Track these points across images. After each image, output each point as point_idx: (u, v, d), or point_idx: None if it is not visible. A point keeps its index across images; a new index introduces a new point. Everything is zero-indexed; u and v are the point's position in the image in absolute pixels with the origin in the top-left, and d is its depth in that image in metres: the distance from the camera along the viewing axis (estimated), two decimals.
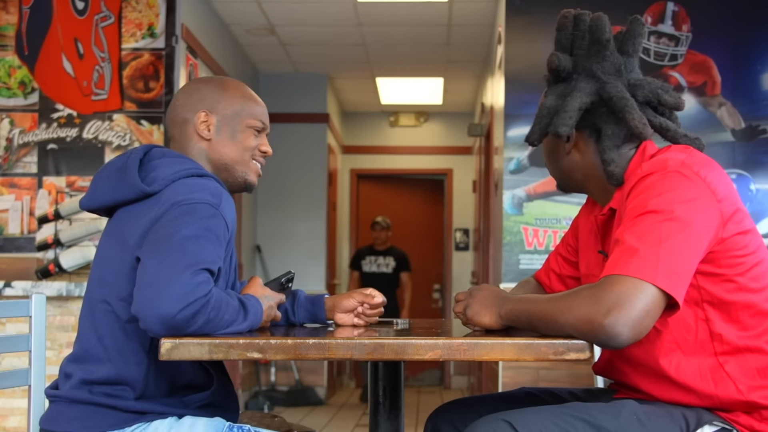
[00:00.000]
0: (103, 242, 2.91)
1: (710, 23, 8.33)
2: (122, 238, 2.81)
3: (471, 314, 2.84)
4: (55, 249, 6.90)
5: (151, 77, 8.49)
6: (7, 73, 8.56)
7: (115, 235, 2.85)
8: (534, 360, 2.51)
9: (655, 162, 2.77)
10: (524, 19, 8.40)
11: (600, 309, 2.48)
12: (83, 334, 2.85)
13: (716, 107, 8.29)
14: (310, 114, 12.78)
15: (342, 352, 2.54)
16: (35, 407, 3.35)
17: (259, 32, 10.81)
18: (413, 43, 11.21)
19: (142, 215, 2.79)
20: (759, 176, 8.21)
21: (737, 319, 2.74)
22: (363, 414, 11.14)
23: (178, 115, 3.04)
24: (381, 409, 3.02)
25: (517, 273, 8.18)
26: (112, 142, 8.40)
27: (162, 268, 2.59)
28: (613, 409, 2.73)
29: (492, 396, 3.28)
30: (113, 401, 2.77)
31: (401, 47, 11.42)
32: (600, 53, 2.94)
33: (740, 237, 2.72)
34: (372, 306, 3.21)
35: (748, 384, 2.72)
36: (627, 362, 2.93)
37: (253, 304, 2.77)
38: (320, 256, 12.74)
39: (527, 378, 8.11)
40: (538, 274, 3.46)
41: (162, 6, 8.53)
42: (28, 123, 8.49)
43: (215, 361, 2.92)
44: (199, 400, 2.90)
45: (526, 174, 8.32)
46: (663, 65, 8.27)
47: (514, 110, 8.36)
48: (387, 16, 10.21)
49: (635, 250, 2.55)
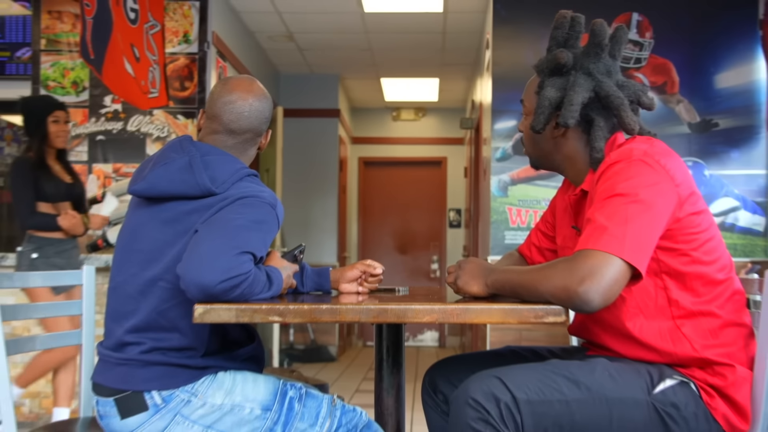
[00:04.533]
0: (153, 226, 2.87)
1: (670, 31, 8.33)
2: (185, 227, 2.80)
3: (461, 284, 2.84)
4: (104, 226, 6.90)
5: (186, 78, 8.51)
6: (61, 74, 8.59)
7: (174, 222, 2.83)
8: (517, 323, 2.51)
9: (622, 151, 2.77)
10: (509, 28, 8.41)
11: (574, 279, 2.49)
12: (139, 310, 2.82)
13: (675, 104, 8.30)
14: (323, 109, 12.78)
15: (351, 316, 2.54)
16: (86, 364, 3.36)
17: (280, 39, 10.79)
18: (413, 48, 11.19)
19: (207, 209, 2.79)
20: (712, 163, 8.24)
21: (691, 288, 2.74)
22: (369, 369, 11.14)
23: (254, 126, 3.01)
24: (385, 364, 3.03)
25: (503, 247, 8.20)
26: (152, 134, 8.43)
27: (213, 244, 2.61)
28: (588, 366, 2.73)
29: (481, 353, 3.28)
30: (185, 361, 2.79)
31: (402, 52, 11.39)
32: (598, 55, 2.93)
33: (694, 217, 2.72)
34: (372, 275, 3.25)
35: (702, 343, 2.72)
36: (597, 324, 2.94)
37: (277, 276, 2.78)
38: (332, 232, 12.74)
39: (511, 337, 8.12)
40: (520, 247, 3.46)
41: (195, 16, 8.54)
42: (79, 117, 8.50)
43: (251, 324, 2.95)
44: (246, 353, 2.96)
45: (510, 162, 8.33)
46: (629, 67, 8.28)
47: (500, 106, 8.37)
48: (390, 25, 10.19)
49: (605, 228, 2.56)
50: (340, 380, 10.05)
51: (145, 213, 2.92)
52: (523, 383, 2.63)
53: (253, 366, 2.97)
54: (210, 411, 2.79)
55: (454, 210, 14.86)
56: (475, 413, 2.57)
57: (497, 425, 2.56)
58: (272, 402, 2.83)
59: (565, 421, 2.62)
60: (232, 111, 2.98)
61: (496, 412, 2.56)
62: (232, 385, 2.83)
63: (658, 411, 2.65)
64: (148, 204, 2.92)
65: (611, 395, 2.65)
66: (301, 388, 2.91)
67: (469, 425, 2.57)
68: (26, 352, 3.17)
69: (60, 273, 3.38)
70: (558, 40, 3.01)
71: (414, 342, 14.89)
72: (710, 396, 2.71)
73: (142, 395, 2.77)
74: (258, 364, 3.02)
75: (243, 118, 2.99)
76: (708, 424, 2.69)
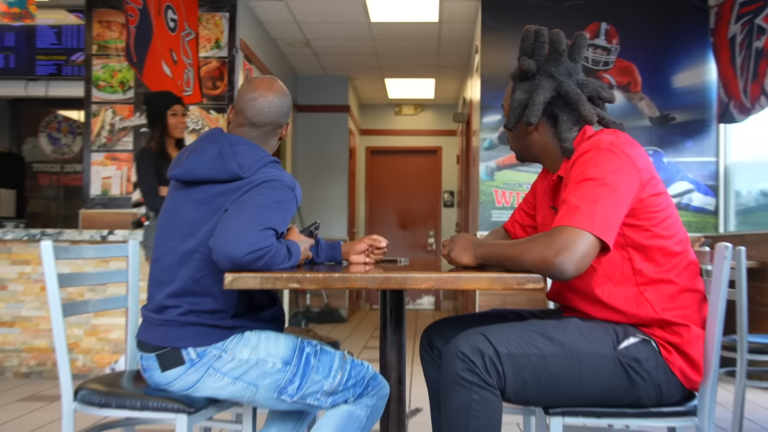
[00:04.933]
0: (189, 206, 2.86)
1: (633, 38, 8.33)
2: (217, 206, 2.80)
3: (453, 256, 2.84)
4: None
5: (217, 78, 8.50)
6: (110, 75, 8.58)
7: (207, 203, 2.83)
8: (502, 289, 2.51)
9: (592, 142, 2.76)
10: (495, 36, 8.40)
11: (552, 251, 2.49)
12: (177, 278, 2.82)
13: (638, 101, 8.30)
14: (335, 105, 12.77)
15: (360, 283, 2.54)
16: (131, 324, 3.36)
17: (298, 45, 10.77)
18: (412, 53, 11.17)
19: (235, 191, 2.79)
20: (670, 152, 8.25)
21: (652, 259, 2.74)
22: (375, 329, 11.15)
23: (273, 119, 2.99)
24: (388, 325, 3.02)
25: (490, 224, 8.20)
26: (188, 126, 8.41)
27: (241, 221, 2.61)
28: (562, 325, 2.72)
29: (471, 315, 3.27)
30: (216, 322, 2.79)
31: (403, 56, 11.37)
32: (557, 59, 2.92)
33: (654, 198, 2.71)
34: (378, 248, 3.26)
35: (662, 306, 2.72)
36: (571, 291, 2.93)
37: (296, 249, 2.78)
38: (343, 211, 12.75)
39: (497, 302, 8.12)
40: (505, 224, 3.45)
41: (226, 25, 8.54)
42: (125, 112, 8.50)
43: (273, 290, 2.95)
44: (269, 315, 2.95)
45: (496, 150, 8.34)
46: (598, 69, 8.27)
47: (488, 102, 8.38)
48: (393, 33, 10.17)
49: (577, 208, 2.55)
50: (350, 338, 10.05)
51: (183, 195, 2.92)
52: (504, 339, 2.63)
53: (275, 326, 2.98)
54: (238, 365, 2.79)
55: (448, 192, 14.84)
56: (463, 364, 2.57)
57: (482, 375, 2.56)
58: (291, 357, 2.83)
59: (541, 372, 2.62)
60: (254, 106, 2.98)
61: (481, 364, 2.57)
62: (257, 342, 2.83)
63: (623, 364, 2.65)
64: (185, 187, 2.92)
65: (581, 350, 2.65)
66: (316, 345, 2.91)
67: (458, 374, 2.58)
68: (79, 314, 3.16)
69: (110, 246, 3.38)
70: (525, 50, 3.00)
71: (413, 305, 14.91)
72: (668, 352, 2.70)
73: (180, 351, 2.78)
74: (279, 324, 3.02)
75: (263, 113, 2.98)
76: (666, 376, 2.69)
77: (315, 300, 12.46)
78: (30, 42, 10.09)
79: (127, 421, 3.15)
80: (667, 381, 2.69)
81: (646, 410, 2.72)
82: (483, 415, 2.57)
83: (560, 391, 2.66)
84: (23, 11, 6.14)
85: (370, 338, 10.02)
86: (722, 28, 7.94)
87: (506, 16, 8.40)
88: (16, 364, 6.92)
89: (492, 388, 2.58)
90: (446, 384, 2.62)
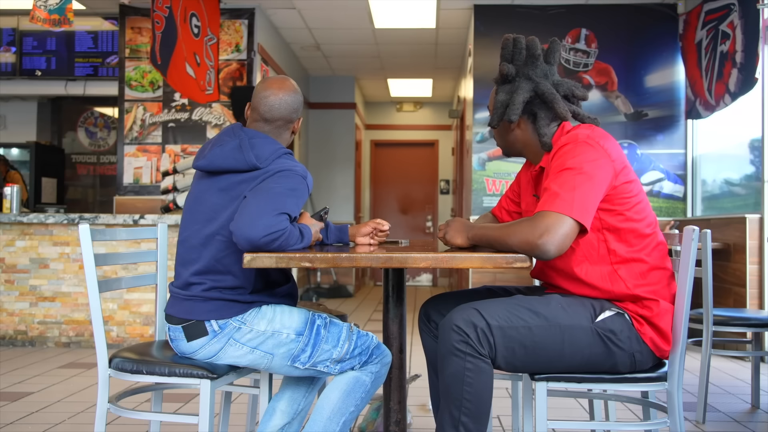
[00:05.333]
0: (212, 193, 2.86)
1: (610, 42, 8.31)
2: (236, 193, 2.80)
3: (448, 237, 2.84)
4: (173, 193, 6.91)
5: (237, 79, 8.50)
6: (141, 76, 8.58)
7: (228, 190, 2.83)
8: (492, 267, 2.51)
9: (570, 136, 2.76)
10: (486, 41, 8.39)
11: (535, 234, 2.49)
12: (201, 257, 2.82)
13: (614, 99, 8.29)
14: (343, 103, 12.74)
15: (365, 262, 2.54)
16: (160, 299, 3.36)
17: (309, 49, 10.75)
18: (412, 55, 11.14)
19: (253, 180, 2.79)
20: (643, 144, 8.25)
21: (625, 240, 2.73)
22: (378, 303, 11.16)
23: (284, 115, 2.98)
24: (390, 299, 3.02)
25: (481, 209, 8.21)
26: (211, 121, 8.43)
27: (258, 206, 2.61)
28: (545, 300, 2.72)
29: (464, 291, 3.27)
30: (236, 297, 2.78)
31: (404, 58, 11.34)
32: (534, 63, 2.93)
33: (627, 185, 2.71)
34: (381, 230, 3.26)
35: (634, 283, 2.72)
36: (553, 269, 2.93)
37: (307, 231, 2.78)
38: (350, 198, 12.73)
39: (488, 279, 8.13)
40: (493, 209, 3.44)
41: (245, 31, 8.52)
42: (155, 109, 8.50)
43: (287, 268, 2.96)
44: (283, 291, 2.94)
45: (487, 143, 8.34)
46: (578, 71, 8.25)
47: (479, 101, 8.38)
48: (395, 38, 10.14)
49: (557, 194, 2.55)
50: (356, 312, 10.06)
51: (206, 183, 2.92)
52: (495, 313, 2.63)
53: (288, 301, 2.97)
54: (256, 336, 2.79)
55: (444, 180, 14.82)
56: (458, 336, 2.58)
57: (475, 345, 2.57)
58: (304, 328, 2.83)
59: (527, 342, 2.62)
60: (266, 104, 2.97)
61: (474, 335, 2.57)
62: (272, 315, 2.83)
63: (600, 335, 2.65)
64: (208, 176, 2.92)
65: (563, 323, 2.65)
66: (326, 317, 2.91)
67: (454, 345, 2.58)
68: (113, 290, 3.16)
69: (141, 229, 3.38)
70: (505, 56, 3.00)
71: (413, 282, 14.91)
72: (640, 324, 2.71)
73: (203, 323, 2.78)
74: (293, 299, 3.02)
75: (275, 109, 2.97)
76: (639, 345, 2.69)
77: (325, 277, 12.47)
78: (69, 46, 10.09)
79: (156, 385, 3.16)
80: (640, 350, 2.70)
81: (622, 376, 2.72)
82: (476, 382, 2.57)
83: (545, 360, 2.66)
84: (62, 17, 6.13)
85: (374, 311, 10.02)
86: (690, 33, 7.92)
87: (496, 23, 8.39)
88: (57, 335, 6.94)
89: (484, 358, 2.58)
90: (443, 354, 2.63)
